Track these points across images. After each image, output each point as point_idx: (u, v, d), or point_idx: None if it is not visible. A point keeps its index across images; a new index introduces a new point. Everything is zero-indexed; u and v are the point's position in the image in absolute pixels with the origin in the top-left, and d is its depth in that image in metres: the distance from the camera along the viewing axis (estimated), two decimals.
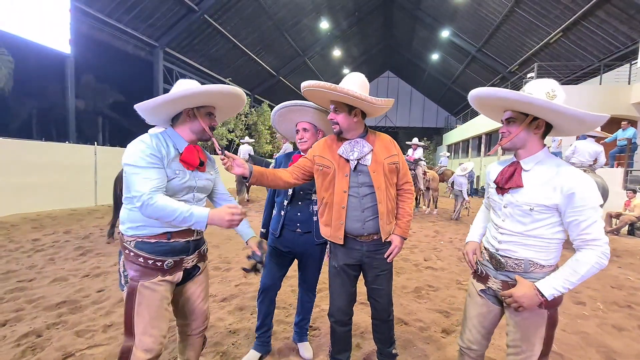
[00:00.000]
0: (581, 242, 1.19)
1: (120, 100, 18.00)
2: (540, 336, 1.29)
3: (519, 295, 1.22)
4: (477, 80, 20.33)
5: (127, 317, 1.35)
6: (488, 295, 1.43)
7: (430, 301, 3.12)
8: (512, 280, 1.31)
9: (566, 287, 1.18)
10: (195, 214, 1.30)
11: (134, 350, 1.33)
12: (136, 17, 11.12)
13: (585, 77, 13.40)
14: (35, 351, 2.11)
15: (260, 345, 2.15)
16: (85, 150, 8.11)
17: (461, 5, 15.38)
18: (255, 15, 14.53)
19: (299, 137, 1.98)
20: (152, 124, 1.62)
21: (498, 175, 1.38)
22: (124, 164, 1.34)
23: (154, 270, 1.38)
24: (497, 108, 1.38)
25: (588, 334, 2.57)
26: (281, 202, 2.02)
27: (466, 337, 1.50)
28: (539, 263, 1.27)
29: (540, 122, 1.27)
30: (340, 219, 1.69)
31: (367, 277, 1.83)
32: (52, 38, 8.51)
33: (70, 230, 5.40)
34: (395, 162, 1.75)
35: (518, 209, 1.28)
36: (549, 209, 1.23)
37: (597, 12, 10.80)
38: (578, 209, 1.17)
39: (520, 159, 1.33)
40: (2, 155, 6.33)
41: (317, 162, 1.75)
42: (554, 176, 1.22)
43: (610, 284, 3.74)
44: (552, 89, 1.24)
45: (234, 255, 4.38)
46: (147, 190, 1.27)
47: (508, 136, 1.31)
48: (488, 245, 1.44)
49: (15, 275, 3.37)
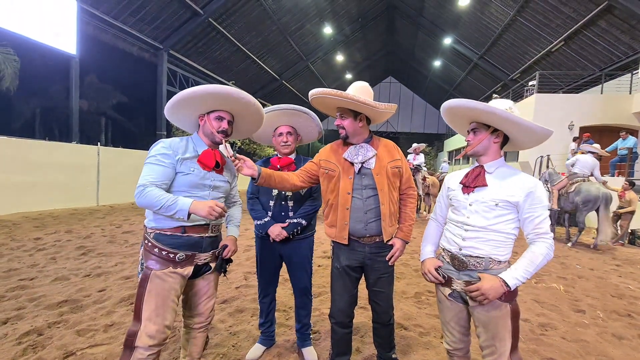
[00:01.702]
0: (534, 235, 1.38)
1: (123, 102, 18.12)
2: (508, 330, 1.42)
3: (486, 287, 1.35)
4: (479, 87, 20.42)
5: (137, 302, 1.45)
6: (455, 297, 1.54)
7: (430, 306, 3.12)
8: (475, 278, 1.44)
9: (525, 277, 1.34)
10: (179, 202, 1.44)
11: (139, 334, 1.42)
12: (141, 19, 11.23)
13: (586, 86, 13.47)
14: (36, 350, 2.12)
15: (264, 339, 2.24)
16: (88, 150, 8.16)
17: (464, 13, 15.50)
18: (260, 19, 14.67)
19: (284, 140, 2.07)
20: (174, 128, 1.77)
21: (463, 177, 1.55)
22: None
23: (167, 261, 1.50)
24: (464, 120, 1.56)
25: (588, 342, 2.57)
26: (266, 202, 2.07)
27: (449, 339, 1.61)
28: (497, 259, 1.43)
29: (499, 133, 1.49)
30: (344, 220, 1.74)
31: (369, 279, 1.85)
32: (58, 39, 8.59)
33: (72, 230, 5.42)
34: (398, 167, 1.80)
35: (484, 205, 1.45)
36: (511, 205, 1.41)
37: (598, 22, 10.88)
38: (534, 207, 1.38)
39: (483, 163, 1.52)
40: (5, 154, 6.37)
41: (322, 165, 1.83)
42: (514, 178, 1.44)
43: (610, 292, 3.73)
44: (509, 106, 1.45)
45: (235, 258, 4.38)
46: (145, 182, 1.44)
47: (472, 143, 1.51)
48: (449, 246, 1.55)
49: (17, 273, 3.38)
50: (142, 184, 1.45)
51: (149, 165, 1.50)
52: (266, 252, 2.12)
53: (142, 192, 1.43)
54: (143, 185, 1.44)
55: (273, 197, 2.06)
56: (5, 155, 6.35)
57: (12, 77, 9.46)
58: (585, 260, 5.19)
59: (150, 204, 1.43)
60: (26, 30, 7.93)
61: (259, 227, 2.07)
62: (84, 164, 7.97)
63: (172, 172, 1.52)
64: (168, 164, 1.50)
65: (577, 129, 10.95)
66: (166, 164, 1.50)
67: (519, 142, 1.54)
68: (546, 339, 2.58)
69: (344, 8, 17.58)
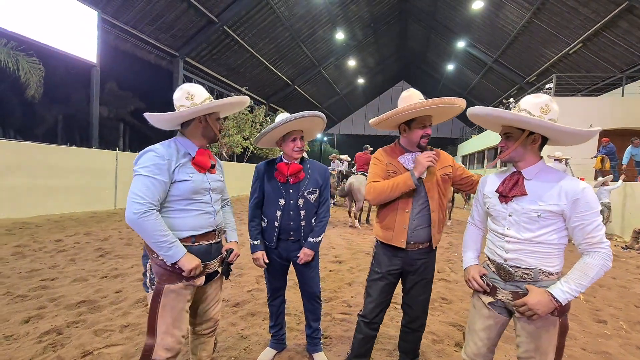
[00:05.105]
0: (587, 245, 1.24)
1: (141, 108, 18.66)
2: (553, 345, 1.30)
3: (533, 302, 1.24)
4: (494, 90, 20.09)
5: (151, 318, 1.40)
6: (496, 307, 1.42)
7: (443, 314, 3.06)
8: (522, 290, 1.32)
9: (578, 291, 1.22)
10: (174, 249, 1.37)
11: (156, 348, 1.39)
12: (159, 28, 11.59)
13: (606, 89, 13.06)
14: (55, 348, 2.18)
15: (275, 343, 2.23)
16: (107, 155, 8.40)
17: (477, 16, 15.33)
18: (273, 26, 14.89)
19: (298, 146, 1.94)
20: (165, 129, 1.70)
21: (500, 185, 1.41)
22: (134, 169, 1.40)
23: (180, 274, 1.42)
24: (495, 123, 1.45)
25: (610, 354, 2.47)
26: (272, 213, 1.97)
27: (470, 350, 1.49)
28: (548, 271, 1.30)
29: (536, 136, 1.33)
30: (404, 223, 1.75)
31: (406, 284, 1.88)
32: (80, 48, 8.95)
33: (91, 232, 5.58)
34: (448, 173, 1.83)
35: (525, 216, 1.31)
36: (555, 215, 1.27)
37: (619, 23, 10.58)
38: (583, 214, 1.23)
39: (520, 169, 1.38)
40: (28, 158, 6.63)
41: (388, 168, 1.83)
42: (556, 184, 1.28)
43: (634, 302, 3.58)
44: (545, 104, 1.30)
45: (247, 261, 4.42)
46: (146, 202, 1.33)
47: (506, 150, 1.37)
48: (493, 256, 1.43)
49: (39, 274, 3.51)
50: (144, 203, 1.32)
51: (142, 178, 1.36)
52: (273, 258, 2.07)
53: (147, 216, 1.32)
54: (149, 210, 1.32)
55: (280, 207, 1.95)
56: (29, 160, 6.62)
57: (37, 85, 9.87)
58: None
59: (147, 233, 1.33)
60: (50, 40, 8.30)
61: (251, 247, 2.04)
62: (102, 169, 8.21)
63: (168, 185, 1.42)
64: (164, 177, 1.39)
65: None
66: (162, 177, 1.38)
67: (561, 141, 1.38)
68: (566, 350, 2.47)
69: (356, 14, 17.66)
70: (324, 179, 2.05)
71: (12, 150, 6.41)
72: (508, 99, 16.17)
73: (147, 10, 10.76)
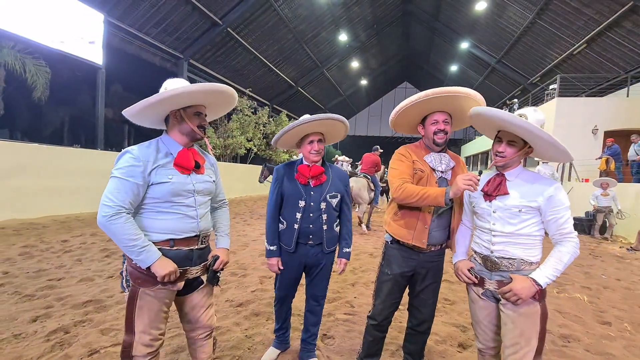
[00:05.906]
0: (560, 236, 1.43)
1: None
2: (536, 330, 1.44)
3: (518, 288, 1.39)
4: (497, 91, 20.01)
5: (128, 318, 1.39)
6: (487, 296, 1.59)
7: (446, 314, 3.07)
8: (507, 279, 1.48)
9: (555, 275, 1.39)
10: (146, 252, 1.32)
11: (135, 344, 1.39)
12: (164, 30, 11.69)
13: (611, 89, 12.98)
14: (63, 347, 2.22)
15: (279, 343, 2.26)
16: (112, 156, 8.46)
17: (481, 17, 15.31)
18: (276, 28, 14.97)
19: (315, 149, 1.91)
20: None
21: (484, 185, 1.57)
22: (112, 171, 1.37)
23: (154, 279, 1.37)
24: (492, 126, 1.56)
25: (614, 356, 2.46)
26: (293, 216, 1.93)
27: (482, 338, 1.65)
28: (529, 260, 1.47)
29: (532, 148, 1.51)
30: (426, 224, 1.74)
31: (416, 286, 1.88)
32: (85, 50, 9.05)
33: (97, 233, 5.64)
34: None
35: (507, 212, 1.49)
36: (533, 210, 1.46)
37: (623, 23, 10.52)
38: (556, 209, 1.42)
39: (504, 171, 1.55)
40: (36, 160, 6.72)
41: (415, 166, 1.80)
42: (533, 184, 1.48)
43: (638, 304, 3.56)
44: (543, 122, 1.47)
45: (251, 262, 4.45)
46: (117, 205, 1.29)
47: (505, 157, 1.50)
48: (480, 249, 1.60)
49: (46, 274, 3.56)
50: (113, 206, 1.28)
51: (115, 180, 1.32)
52: (290, 263, 2.00)
53: (116, 219, 1.27)
54: (118, 212, 1.28)
55: (300, 209, 1.91)
56: (36, 162, 6.70)
57: (43, 87, 9.99)
58: (611, 270, 4.97)
59: (115, 237, 1.28)
60: (57, 43, 8.40)
61: (267, 252, 2.01)
62: (108, 170, 8.01)
63: (143, 188, 1.36)
64: (137, 180, 1.34)
65: (601, 133, 10.55)
66: (135, 179, 1.33)
67: (544, 156, 1.57)
68: (569, 351, 2.50)
69: (359, 15, 17.70)
70: (345, 184, 2.05)
71: (19, 152, 6.50)
72: (511, 100, 16.12)
73: (152, 13, 10.86)
